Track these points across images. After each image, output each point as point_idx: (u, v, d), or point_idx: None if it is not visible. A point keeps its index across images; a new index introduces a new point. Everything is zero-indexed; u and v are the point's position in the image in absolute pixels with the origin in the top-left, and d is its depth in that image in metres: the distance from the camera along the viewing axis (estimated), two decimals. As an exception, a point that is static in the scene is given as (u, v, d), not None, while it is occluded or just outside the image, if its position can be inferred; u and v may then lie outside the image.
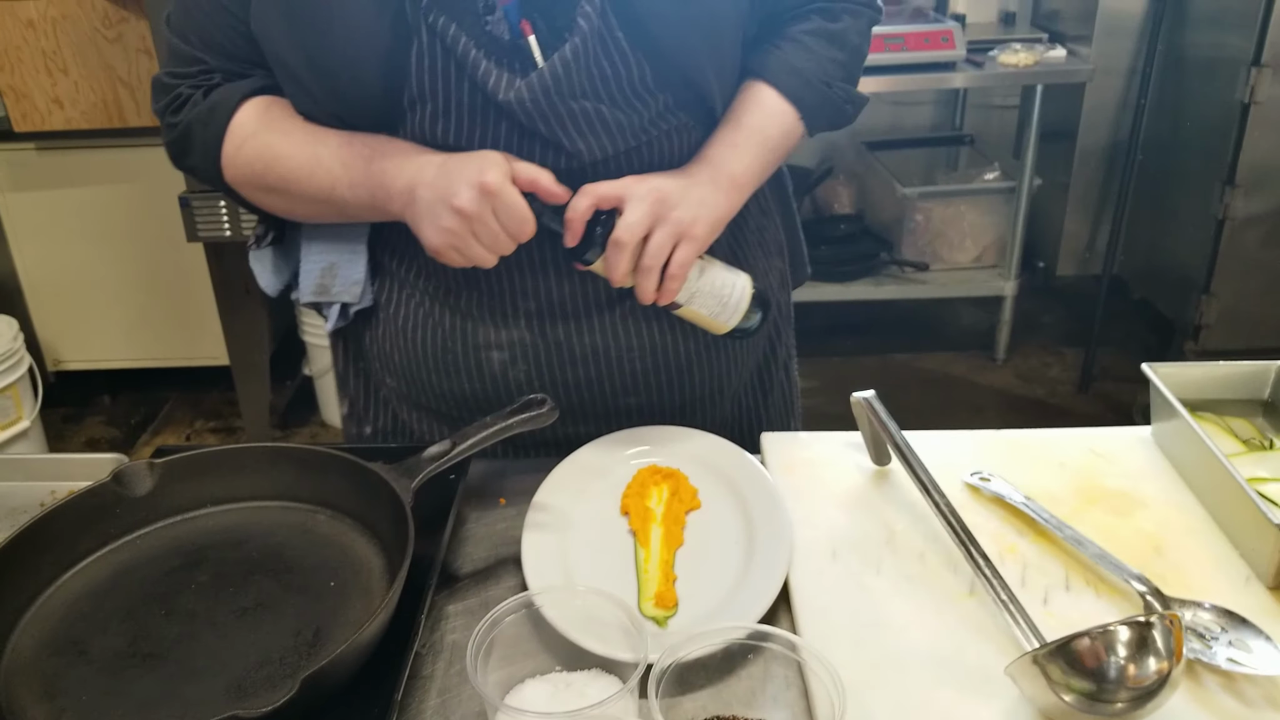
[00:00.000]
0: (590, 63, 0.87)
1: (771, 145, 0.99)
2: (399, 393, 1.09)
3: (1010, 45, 2.74)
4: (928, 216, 3.06)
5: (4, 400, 2.57)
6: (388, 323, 1.05)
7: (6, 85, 2.54)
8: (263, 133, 0.94)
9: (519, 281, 0.99)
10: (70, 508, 0.84)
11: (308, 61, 0.88)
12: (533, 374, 1.03)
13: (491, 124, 0.89)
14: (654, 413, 1.08)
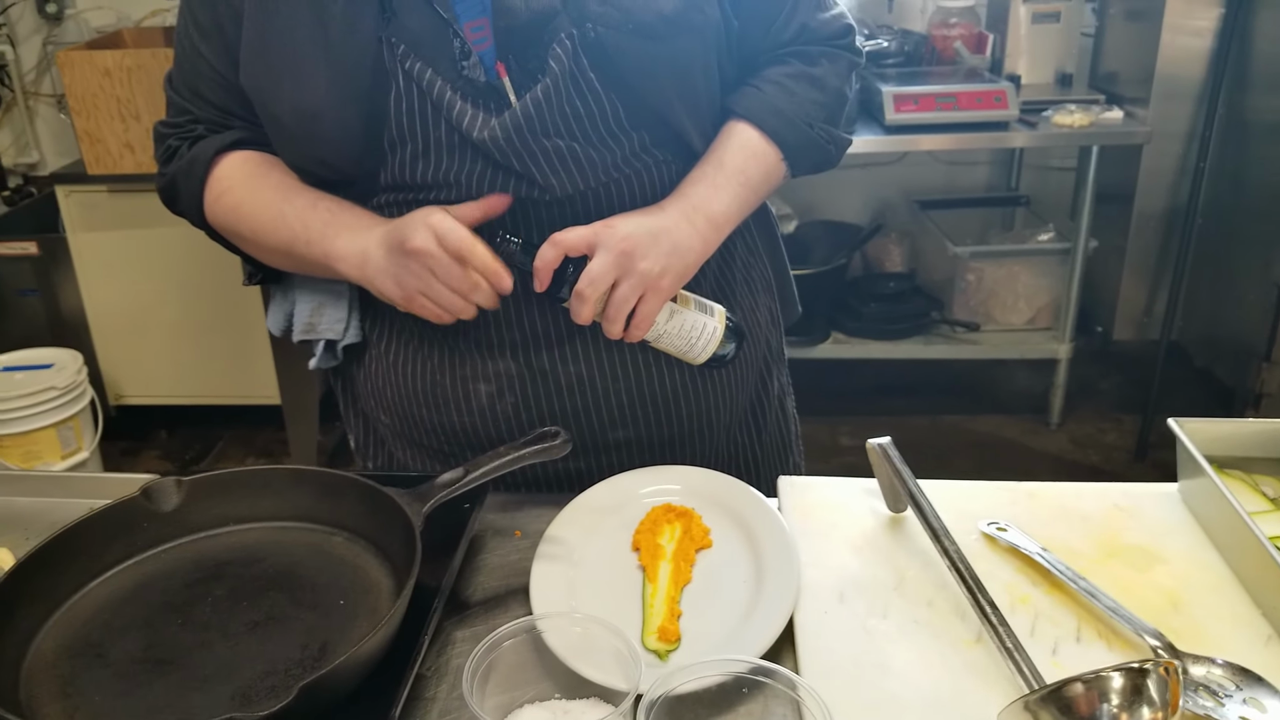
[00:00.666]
0: (562, 102, 0.91)
1: (753, 186, 1.00)
2: (393, 430, 1.11)
3: (1065, 106, 2.73)
4: (980, 276, 3.04)
5: (65, 431, 2.66)
6: (379, 359, 1.08)
7: (83, 130, 2.67)
8: (237, 188, 1.00)
9: (503, 313, 1.00)
10: (100, 519, 0.87)
11: (293, 110, 0.92)
12: (520, 406, 1.04)
13: (469, 161, 0.93)
14: (644, 447, 1.08)
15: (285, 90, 0.92)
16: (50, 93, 3.36)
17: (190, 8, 0.99)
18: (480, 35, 0.91)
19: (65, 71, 2.63)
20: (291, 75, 0.92)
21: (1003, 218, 3.38)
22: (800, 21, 1.03)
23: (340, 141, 0.93)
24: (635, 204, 0.98)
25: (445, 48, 0.91)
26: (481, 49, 0.91)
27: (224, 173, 1.01)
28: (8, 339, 2.94)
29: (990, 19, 3.14)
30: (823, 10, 1.05)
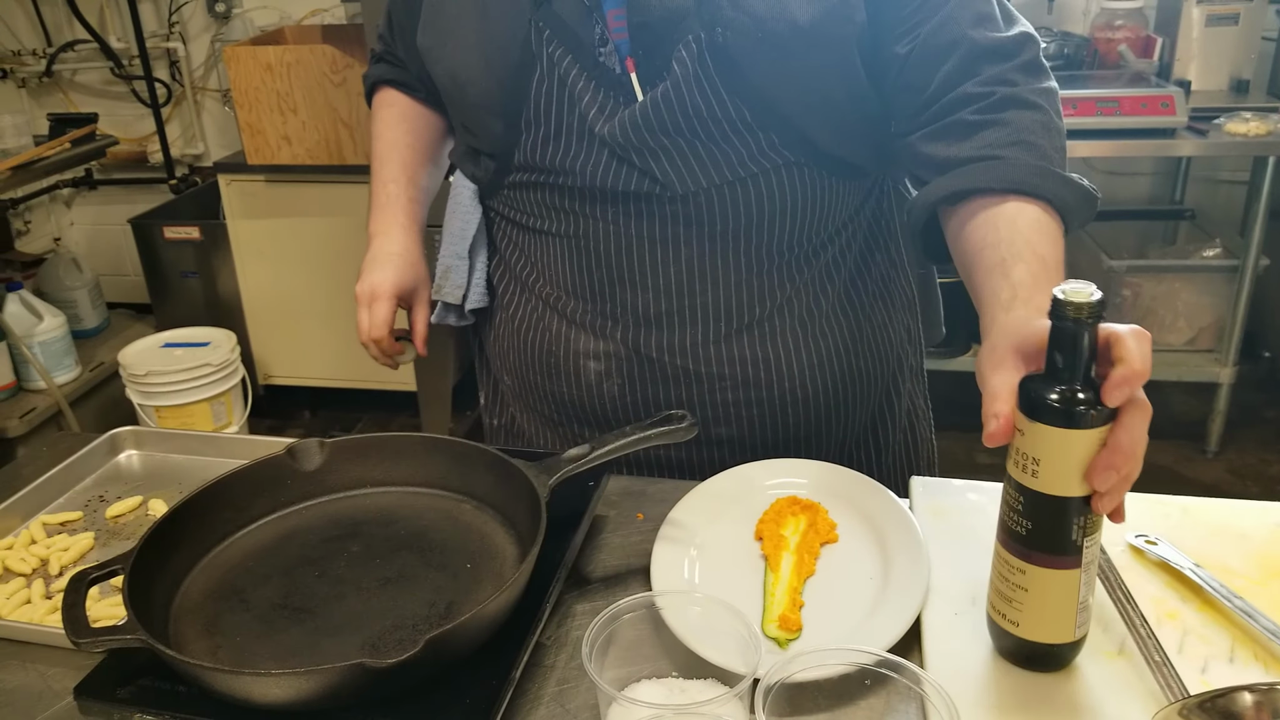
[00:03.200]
0: (684, 102, 0.91)
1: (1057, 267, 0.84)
2: (513, 391, 1.16)
3: (1240, 114, 2.56)
4: (1136, 292, 2.89)
5: (218, 405, 2.81)
6: (506, 322, 1.14)
7: (245, 122, 2.82)
8: (377, 120, 1.21)
9: (619, 294, 1.02)
10: (248, 474, 0.91)
11: (450, 76, 1.01)
12: (625, 388, 1.06)
13: (595, 150, 0.96)
14: (743, 448, 1.07)
15: (445, 55, 1.01)
16: (216, 87, 3.57)
17: None
18: (620, 25, 0.92)
19: (231, 66, 2.78)
20: (451, 43, 1.00)
21: (1164, 231, 3.19)
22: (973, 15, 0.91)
23: (483, 112, 1.00)
24: (760, 204, 0.96)
25: (587, 33, 0.93)
26: (619, 38, 0.92)
27: (379, 101, 1.22)
28: (170, 317, 3.14)
29: (1159, 21, 2.97)
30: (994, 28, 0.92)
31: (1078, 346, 0.69)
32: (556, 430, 1.12)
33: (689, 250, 0.98)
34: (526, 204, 1.04)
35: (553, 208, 1.01)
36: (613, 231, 0.99)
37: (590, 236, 1.00)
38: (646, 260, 0.99)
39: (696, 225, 0.97)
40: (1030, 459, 0.70)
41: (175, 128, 3.62)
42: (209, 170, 3.49)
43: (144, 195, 3.65)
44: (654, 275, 1.00)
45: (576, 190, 0.98)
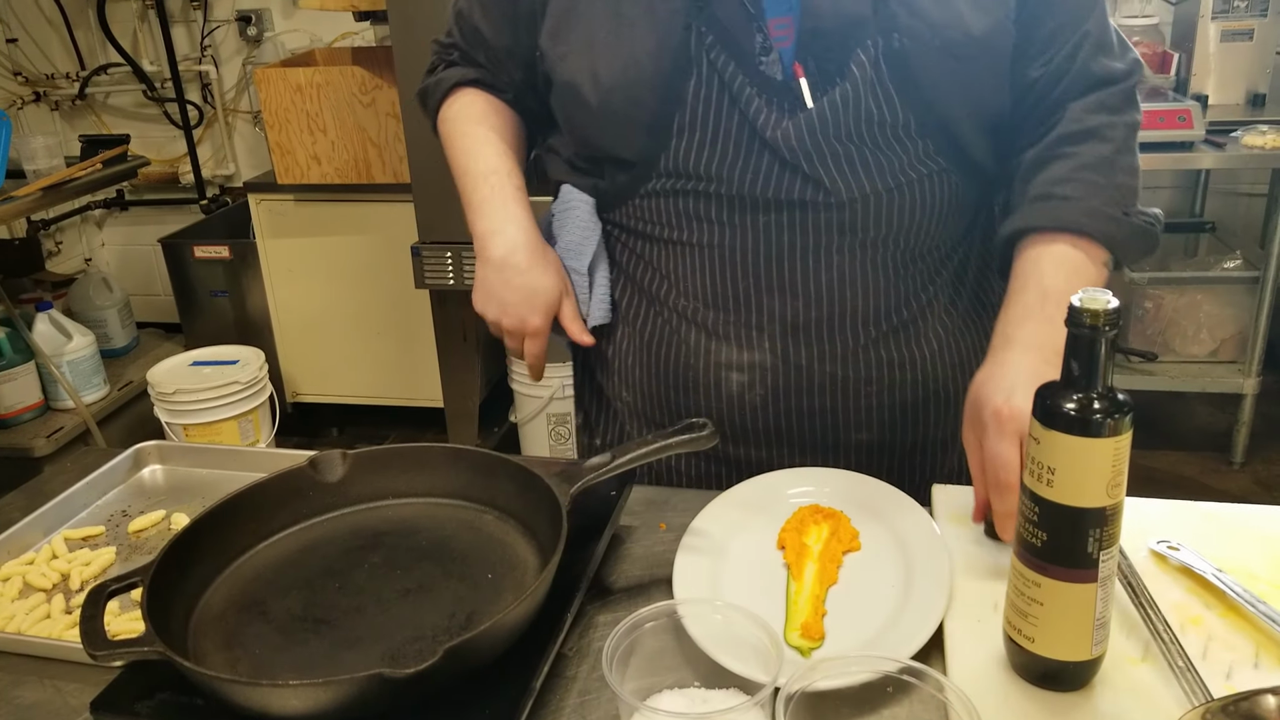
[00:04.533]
0: (859, 107, 0.92)
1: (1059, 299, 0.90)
2: (632, 407, 1.12)
3: (1257, 127, 2.56)
4: (1158, 304, 2.88)
5: (245, 423, 2.84)
6: (631, 338, 1.10)
7: (275, 142, 2.86)
8: (456, 121, 1.14)
9: (768, 303, 1.01)
10: (271, 485, 0.92)
11: (592, 78, 0.97)
12: (769, 398, 1.04)
13: (755, 156, 0.95)
14: (881, 452, 1.07)
15: (582, 61, 0.97)
16: (247, 109, 3.62)
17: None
18: (782, 33, 0.93)
19: (261, 88, 2.82)
20: (590, 49, 0.97)
21: (1185, 244, 3.18)
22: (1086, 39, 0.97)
23: (626, 119, 0.97)
24: (910, 209, 0.97)
25: (748, 42, 0.93)
26: (782, 46, 0.93)
27: (456, 103, 1.15)
28: (200, 335, 3.17)
29: (1175, 37, 2.98)
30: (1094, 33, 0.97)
31: (1094, 354, 0.69)
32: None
33: (840, 257, 0.98)
34: (663, 214, 1.02)
35: (696, 217, 1.00)
36: (763, 240, 0.98)
37: (738, 246, 0.99)
38: (799, 268, 0.98)
39: (850, 232, 0.97)
40: (1046, 468, 0.70)
41: (206, 149, 3.68)
42: (239, 190, 3.54)
43: (174, 215, 3.71)
44: (805, 283, 0.99)
45: (727, 198, 0.97)
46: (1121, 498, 0.71)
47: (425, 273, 2.58)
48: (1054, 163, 0.95)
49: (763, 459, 1.07)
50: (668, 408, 1.09)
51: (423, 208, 2.51)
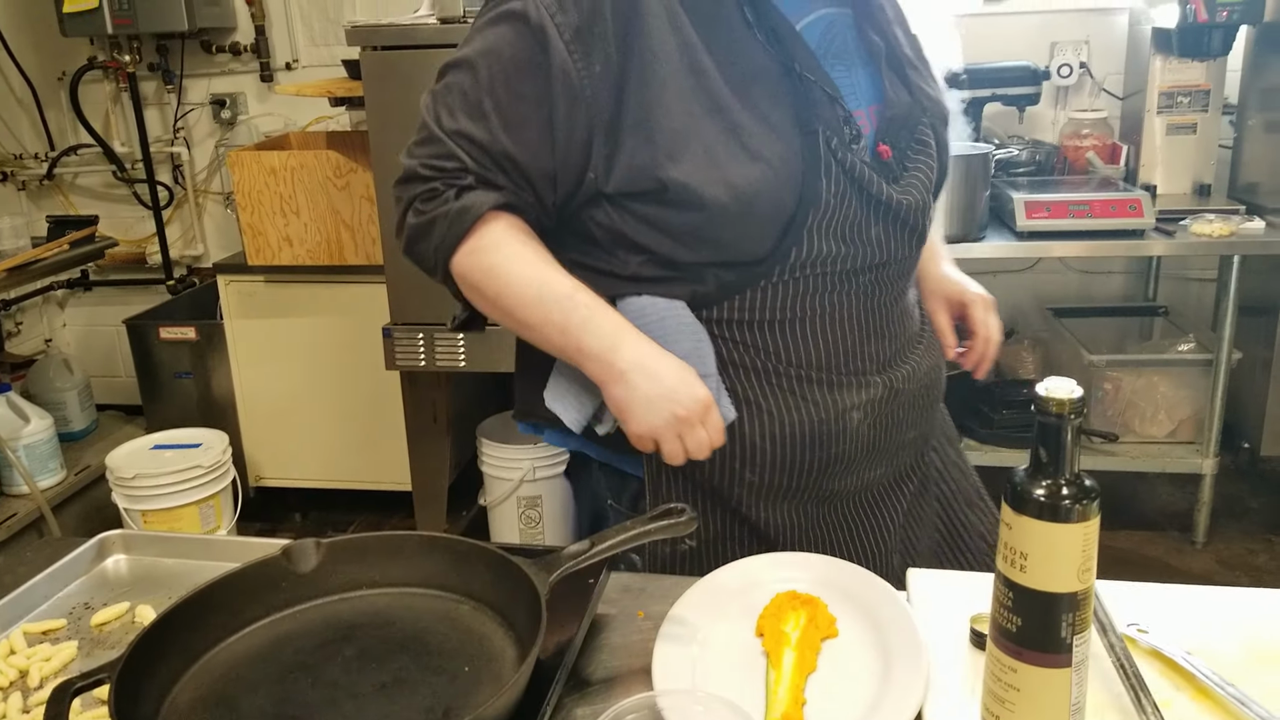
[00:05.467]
0: (929, 170, 1.15)
1: None
2: (755, 485, 1.12)
3: (1204, 216, 2.65)
4: (1117, 386, 2.94)
5: (206, 509, 2.79)
6: (758, 418, 1.10)
7: (246, 224, 2.87)
8: (499, 250, 1.05)
9: (869, 348, 1.13)
10: (242, 576, 0.91)
11: (728, 188, 1.00)
12: (875, 425, 1.15)
13: (874, 227, 1.08)
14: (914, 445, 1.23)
15: (715, 174, 1.00)
16: (219, 190, 3.64)
17: (508, 85, 1.03)
18: (863, 122, 1.10)
19: (235, 170, 2.85)
20: (718, 162, 1.00)
21: (1140, 327, 3.26)
22: None
23: (770, 220, 1.03)
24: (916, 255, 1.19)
25: (842, 134, 1.06)
26: (866, 131, 1.11)
27: (490, 231, 1.05)
28: (162, 418, 3.13)
29: (1124, 130, 3.10)
30: None
31: (1061, 442, 0.72)
32: (799, 497, 1.14)
33: (904, 297, 1.18)
34: (780, 300, 1.07)
35: (812, 292, 1.08)
36: (867, 297, 1.12)
37: (849, 308, 1.11)
38: (888, 313, 1.14)
39: (908, 276, 1.18)
40: (1019, 553, 0.72)
41: (175, 229, 3.68)
42: (208, 271, 3.53)
43: (140, 296, 3.69)
44: (890, 324, 1.15)
45: (845, 272, 1.08)
46: (1092, 582, 0.73)
47: (397, 354, 2.58)
48: None
49: (857, 481, 1.17)
50: (799, 467, 1.12)
51: (395, 289, 2.53)
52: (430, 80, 1.10)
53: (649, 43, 1.00)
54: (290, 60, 3.46)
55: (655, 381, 1.01)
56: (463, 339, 2.53)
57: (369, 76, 2.38)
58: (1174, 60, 2.85)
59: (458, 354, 2.55)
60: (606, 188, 1.04)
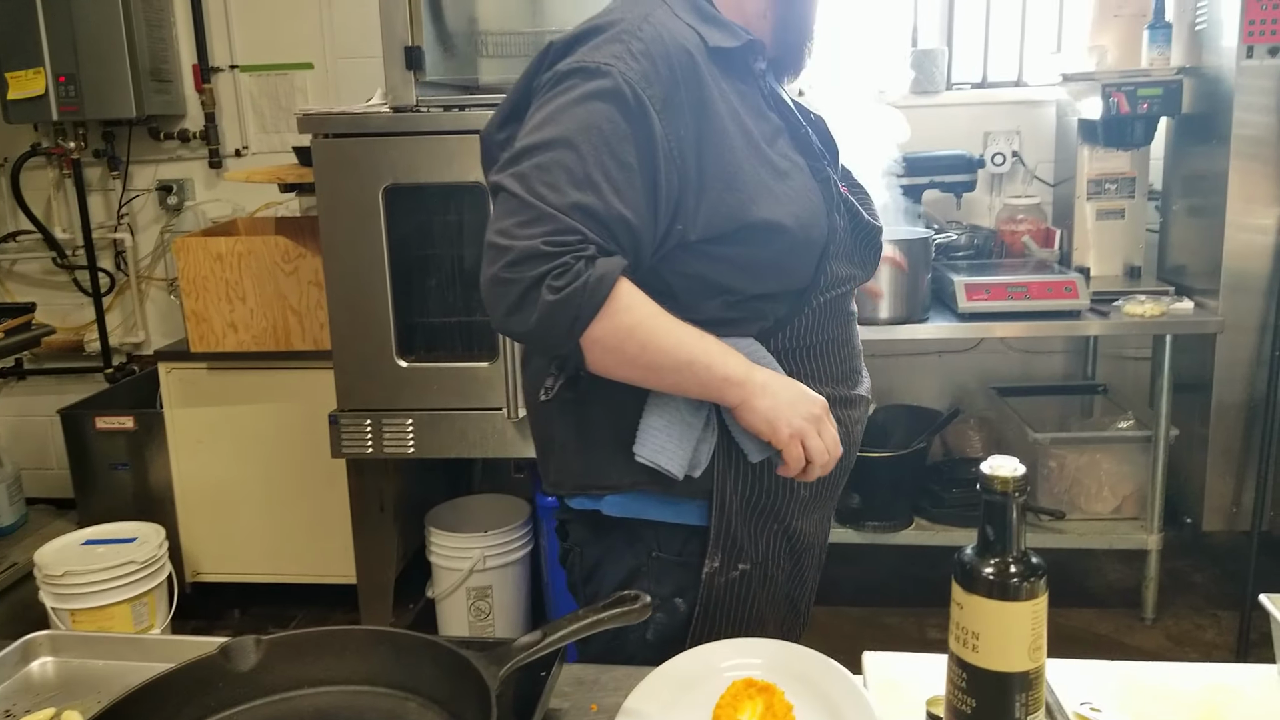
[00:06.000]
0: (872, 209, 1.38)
1: None
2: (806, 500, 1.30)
3: (1136, 296, 2.74)
4: (1061, 463, 2.98)
5: (140, 606, 2.68)
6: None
7: (190, 310, 2.83)
8: (638, 308, 1.12)
9: (856, 362, 1.35)
10: (176, 677, 0.88)
11: (793, 217, 1.19)
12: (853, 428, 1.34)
13: (860, 251, 1.32)
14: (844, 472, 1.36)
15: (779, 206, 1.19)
16: (162, 276, 3.60)
17: (614, 156, 1.10)
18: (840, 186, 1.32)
19: (180, 256, 2.82)
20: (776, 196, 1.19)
21: (1081, 405, 3.34)
22: None
23: (815, 245, 1.23)
24: None
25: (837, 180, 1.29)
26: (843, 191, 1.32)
27: (621, 295, 1.10)
28: (95, 512, 3.03)
29: (1056, 215, 3.21)
30: None
31: (1007, 519, 0.73)
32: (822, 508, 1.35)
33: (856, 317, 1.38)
34: (813, 323, 1.27)
35: (832, 314, 1.28)
36: (847, 319, 1.33)
37: (848, 327, 1.33)
38: (854, 330, 1.35)
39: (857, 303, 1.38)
40: (970, 633, 0.72)
41: (116, 316, 3.62)
42: (149, 358, 3.47)
43: (76, 385, 3.60)
44: (856, 339, 1.36)
45: (844, 295, 1.30)
46: (1043, 661, 0.73)
47: (343, 441, 2.54)
48: None
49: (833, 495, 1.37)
50: (833, 478, 1.30)
51: (343, 374, 2.50)
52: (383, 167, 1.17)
53: (713, 108, 1.15)
54: (240, 147, 3.47)
55: (790, 389, 1.18)
56: (411, 424, 2.50)
57: (320, 163, 2.39)
58: (1100, 149, 2.98)
59: (406, 440, 2.52)
60: (692, 236, 1.16)
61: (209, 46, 3.39)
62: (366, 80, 3.06)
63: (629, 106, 1.09)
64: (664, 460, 1.19)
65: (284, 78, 3.40)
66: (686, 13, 1.20)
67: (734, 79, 1.20)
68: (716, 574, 1.26)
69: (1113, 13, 2.98)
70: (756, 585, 1.28)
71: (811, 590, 1.41)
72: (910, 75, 3.24)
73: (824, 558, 1.42)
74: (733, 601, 1.28)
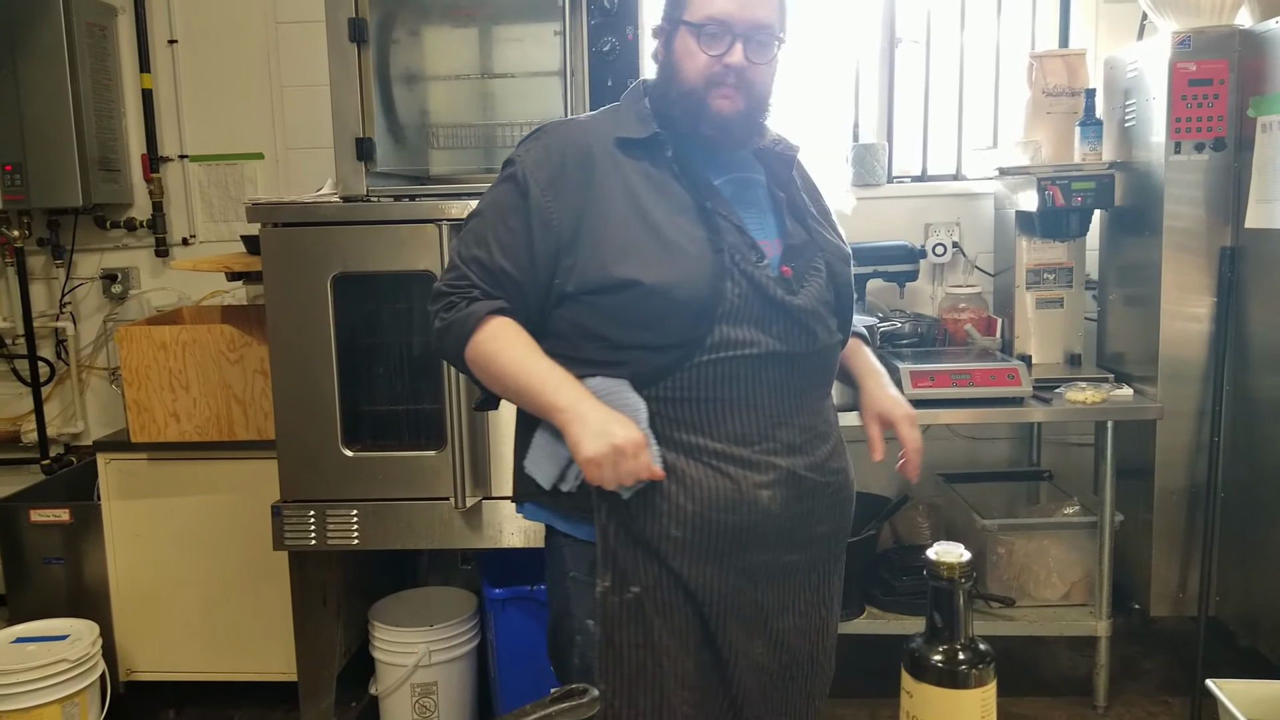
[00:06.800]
0: (822, 290, 1.48)
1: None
2: (680, 540, 1.41)
3: (1077, 384, 2.81)
4: (1010, 549, 3.00)
5: (71, 706, 2.58)
6: (680, 482, 1.40)
7: (132, 400, 2.78)
8: (499, 339, 1.44)
9: (778, 434, 1.43)
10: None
11: (659, 283, 1.37)
12: (783, 505, 1.43)
13: (776, 324, 1.42)
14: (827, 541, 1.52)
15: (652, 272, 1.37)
16: (104, 365, 3.54)
17: (503, 221, 1.45)
18: (769, 249, 1.46)
19: (123, 345, 2.78)
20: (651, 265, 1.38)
21: (1028, 491, 3.37)
22: None
23: (686, 311, 1.38)
24: (834, 364, 1.55)
25: (749, 255, 1.42)
26: (771, 256, 1.46)
27: (490, 327, 1.44)
28: (26, 608, 2.92)
29: (997, 304, 3.30)
30: None
31: (954, 605, 0.73)
32: (723, 564, 1.42)
33: (811, 395, 1.48)
34: (703, 380, 1.40)
35: (729, 376, 1.40)
36: (777, 386, 1.43)
37: (759, 393, 1.42)
38: (794, 404, 1.44)
39: (817, 375, 1.49)
40: None
41: (55, 406, 3.54)
42: (87, 449, 3.39)
43: (10, 477, 3.49)
44: (796, 414, 1.45)
45: (751, 358, 1.40)
46: None
47: (286, 533, 2.48)
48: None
49: (769, 562, 1.44)
50: (716, 530, 1.40)
51: (287, 463, 2.45)
52: (332, 255, 1.45)
53: (599, 188, 1.42)
54: (188, 235, 3.46)
55: (602, 419, 1.34)
56: (356, 514, 2.46)
57: (269, 252, 2.39)
58: (1037, 240, 3.09)
59: (350, 531, 2.47)
60: (569, 288, 1.42)
61: (159, 136, 3.40)
62: (317, 170, 3.10)
63: (521, 186, 1.44)
64: (537, 473, 1.47)
65: (233, 167, 3.42)
66: (626, 114, 1.50)
67: (645, 162, 1.45)
68: (609, 594, 1.42)
69: (1045, 110, 3.12)
70: (653, 612, 1.42)
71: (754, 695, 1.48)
72: (851, 170, 3.35)
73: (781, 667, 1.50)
74: (631, 626, 1.42)
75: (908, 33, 3.44)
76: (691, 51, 1.44)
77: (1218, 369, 2.80)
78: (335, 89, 2.42)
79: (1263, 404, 2.75)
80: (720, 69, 1.42)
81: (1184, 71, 2.74)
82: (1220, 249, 2.80)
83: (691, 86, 1.44)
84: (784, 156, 1.55)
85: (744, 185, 1.51)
